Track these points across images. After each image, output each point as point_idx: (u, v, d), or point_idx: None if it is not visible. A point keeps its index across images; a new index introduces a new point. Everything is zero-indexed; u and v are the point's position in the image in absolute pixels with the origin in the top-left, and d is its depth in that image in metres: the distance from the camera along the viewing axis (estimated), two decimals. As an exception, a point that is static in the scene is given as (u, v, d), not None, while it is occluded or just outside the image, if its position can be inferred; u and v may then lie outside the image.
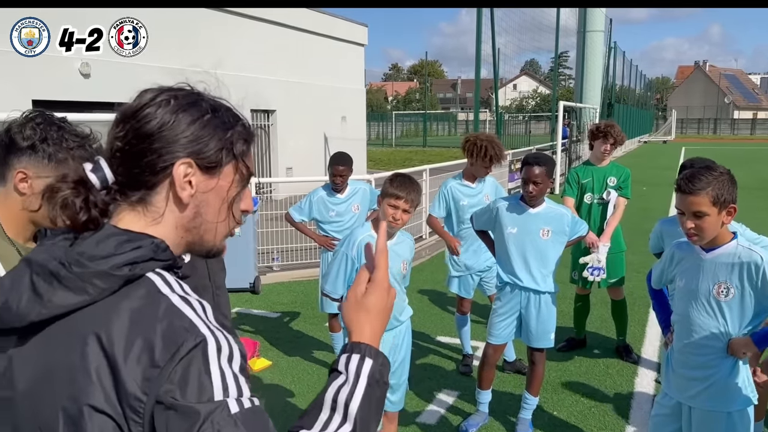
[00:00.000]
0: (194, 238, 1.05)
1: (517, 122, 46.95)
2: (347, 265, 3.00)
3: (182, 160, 0.99)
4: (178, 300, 0.93)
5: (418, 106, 69.12)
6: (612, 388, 4.62)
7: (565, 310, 5.93)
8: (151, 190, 0.99)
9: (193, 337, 0.87)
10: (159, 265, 0.96)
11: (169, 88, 1.03)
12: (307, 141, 15.30)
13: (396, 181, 2.95)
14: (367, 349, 1.03)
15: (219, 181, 1.03)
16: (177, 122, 0.99)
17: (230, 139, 1.03)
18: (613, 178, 5.02)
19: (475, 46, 13.13)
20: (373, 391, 0.99)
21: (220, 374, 0.87)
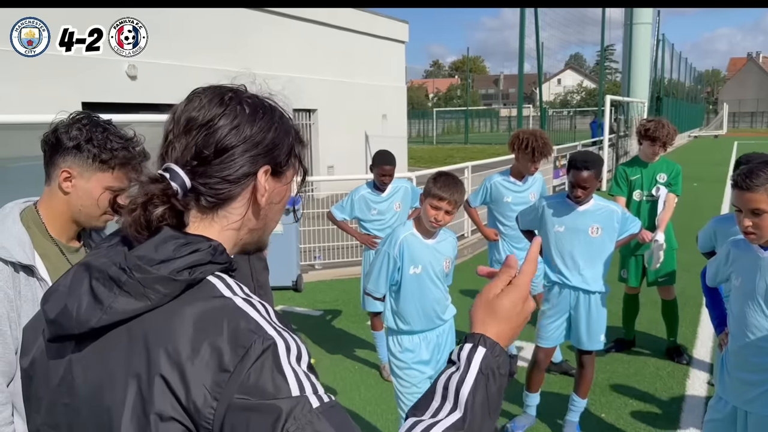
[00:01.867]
0: (253, 238, 1.06)
1: (562, 117, 46.19)
2: (389, 264, 2.98)
3: (264, 168, 1.00)
4: (241, 302, 0.91)
5: (459, 102, 68.67)
6: (662, 390, 4.48)
7: (613, 311, 5.75)
8: (230, 199, 0.99)
9: (261, 338, 0.86)
10: (218, 268, 0.95)
11: (231, 91, 1.02)
12: (348, 139, 15.34)
13: (440, 182, 2.89)
14: (481, 338, 0.98)
15: (283, 184, 1.05)
16: (256, 131, 0.99)
17: (292, 142, 1.05)
18: (663, 174, 4.86)
19: (519, 40, 12.95)
20: (485, 380, 0.95)
21: (294, 373, 0.85)
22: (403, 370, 3.07)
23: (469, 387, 0.94)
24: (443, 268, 3.08)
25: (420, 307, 3.03)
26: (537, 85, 18.85)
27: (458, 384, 0.95)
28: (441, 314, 3.13)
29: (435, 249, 3.03)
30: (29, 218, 1.72)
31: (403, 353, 3.07)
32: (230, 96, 1.00)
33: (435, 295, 3.07)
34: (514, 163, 4.62)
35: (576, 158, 3.53)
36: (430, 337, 3.10)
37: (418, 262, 2.98)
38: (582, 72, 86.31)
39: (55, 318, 0.93)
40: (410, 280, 2.98)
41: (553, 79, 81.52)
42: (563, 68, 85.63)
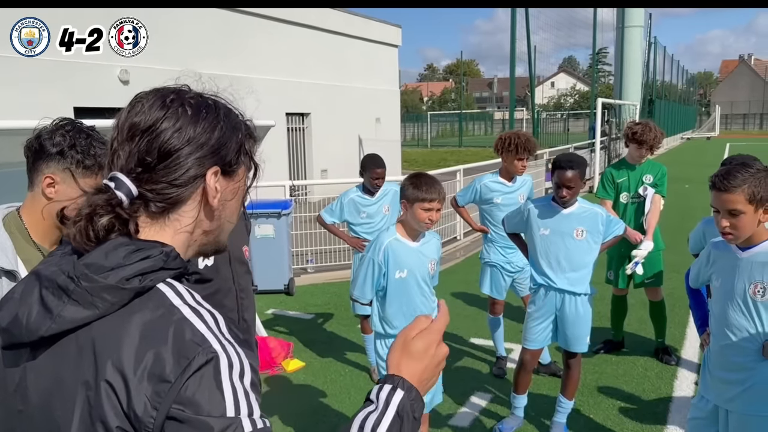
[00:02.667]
0: (209, 240, 1.06)
1: (555, 120, 46.33)
2: (374, 270, 2.99)
3: (213, 169, 0.99)
4: (189, 312, 0.92)
5: (453, 106, 68.80)
6: (650, 391, 4.51)
7: (602, 312, 5.82)
8: (180, 203, 0.99)
9: (204, 352, 0.87)
10: (170, 274, 0.95)
11: (173, 93, 1.00)
12: (341, 143, 15.38)
13: (423, 184, 2.91)
14: (400, 381, 1.01)
15: (236, 182, 1.04)
16: (200, 132, 0.98)
17: (242, 139, 1.04)
18: (649, 175, 4.91)
19: (510, 44, 13.01)
20: (400, 423, 0.98)
21: (232, 391, 0.86)
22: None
23: (384, 429, 0.96)
24: (429, 270, 3.09)
25: (407, 310, 3.03)
26: (528, 88, 18.91)
27: (375, 425, 0.96)
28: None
29: (420, 252, 3.04)
30: (12, 224, 1.74)
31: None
32: (172, 98, 0.99)
33: (421, 299, 3.07)
34: (503, 165, 4.67)
35: (560, 159, 3.57)
36: None
37: (404, 267, 2.99)
38: (575, 75, 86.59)
39: (7, 326, 0.94)
40: (396, 285, 2.99)
41: (546, 82, 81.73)
42: (557, 71, 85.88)
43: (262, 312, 6.45)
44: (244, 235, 2.45)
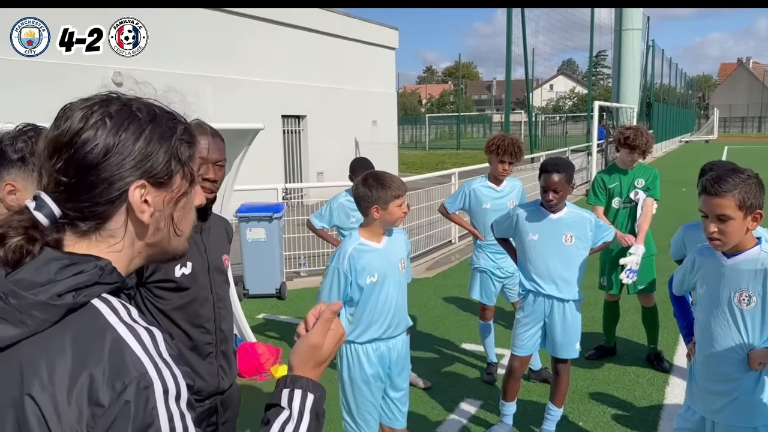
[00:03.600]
0: (155, 251, 1.02)
1: (554, 123, 46.33)
2: (339, 279, 2.86)
3: (136, 183, 0.94)
4: (124, 330, 0.88)
5: (452, 108, 68.81)
6: (641, 398, 4.47)
7: (595, 317, 5.78)
8: (106, 220, 0.94)
9: (138, 376, 0.84)
10: (105, 289, 0.92)
11: (98, 102, 0.95)
12: (338, 146, 15.34)
13: (390, 182, 2.85)
14: (308, 383, 1.07)
15: (172, 192, 0.99)
16: (121, 144, 0.92)
17: (175, 146, 0.98)
18: (641, 179, 4.86)
19: (506, 46, 12.98)
20: (315, 425, 1.03)
21: (168, 416, 0.85)
22: (355, 383, 2.95)
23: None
24: (400, 269, 2.98)
25: (385, 314, 2.92)
26: (529, 90, 18.89)
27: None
28: (398, 323, 2.99)
29: (387, 252, 2.94)
30: None
31: (357, 365, 2.94)
32: (94, 109, 0.93)
33: (399, 299, 2.97)
34: (490, 168, 4.65)
35: (546, 162, 3.55)
36: (382, 348, 2.96)
37: (374, 270, 2.88)
38: (574, 78, 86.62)
39: None
40: (370, 290, 2.88)
41: (545, 85, 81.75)
42: (555, 74, 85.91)
43: (252, 316, 6.41)
44: (225, 244, 2.41)
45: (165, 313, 2.12)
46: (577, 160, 17.81)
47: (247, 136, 4.93)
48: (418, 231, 9.49)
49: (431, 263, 8.86)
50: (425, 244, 9.47)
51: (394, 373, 3.02)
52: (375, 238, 2.93)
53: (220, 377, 2.23)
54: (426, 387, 4.64)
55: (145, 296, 2.12)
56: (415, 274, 8.26)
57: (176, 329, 2.13)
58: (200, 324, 2.17)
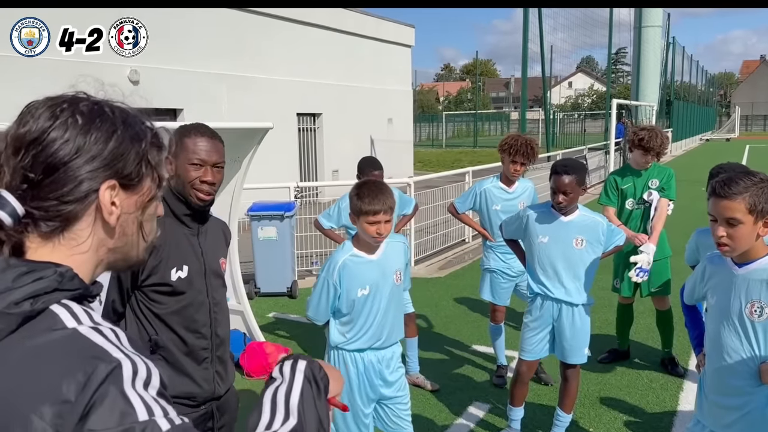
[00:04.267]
0: (117, 257, 1.00)
1: (573, 121, 45.93)
2: (329, 291, 2.77)
3: (106, 184, 0.92)
4: (86, 330, 0.85)
5: (469, 106, 68.47)
6: (655, 403, 4.38)
7: (609, 319, 5.68)
8: (74, 220, 0.92)
9: (104, 363, 0.81)
10: (66, 296, 0.89)
11: (67, 101, 0.93)
12: (353, 143, 15.30)
13: (366, 196, 2.66)
14: (297, 355, 1.06)
15: (141, 197, 0.98)
16: (92, 143, 0.90)
17: (145, 150, 0.97)
18: (655, 180, 4.76)
19: (522, 44, 12.86)
20: (310, 388, 0.98)
21: (140, 398, 0.81)
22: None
23: (297, 394, 0.95)
24: (394, 281, 2.85)
25: (376, 326, 2.81)
26: (546, 87, 18.70)
27: (286, 394, 0.95)
28: (389, 335, 2.87)
29: (382, 264, 2.81)
30: None
31: (343, 372, 2.83)
32: (63, 107, 0.91)
33: (393, 312, 2.85)
34: (502, 168, 4.58)
35: (557, 164, 3.48)
36: (371, 357, 2.85)
37: (365, 283, 2.76)
38: (593, 75, 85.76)
39: None
40: (361, 303, 2.77)
41: (564, 82, 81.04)
42: (574, 71, 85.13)
43: (263, 315, 6.40)
44: (223, 247, 2.38)
45: (160, 318, 2.09)
46: (594, 158, 17.62)
47: (256, 135, 4.90)
48: (431, 230, 9.44)
49: (444, 263, 8.79)
50: (438, 243, 9.40)
51: (385, 384, 2.89)
52: (368, 249, 2.78)
53: (216, 383, 2.20)
54: (434, 389, 4.59)
55: (140, 300, 2.09)
56: (427, 274, 8.21)
57: (171, 334, 2.10)
58: (196, 329, 2.14)
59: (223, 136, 4.99)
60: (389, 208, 2.66)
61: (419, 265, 8.58)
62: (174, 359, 2.10)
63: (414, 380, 4.68)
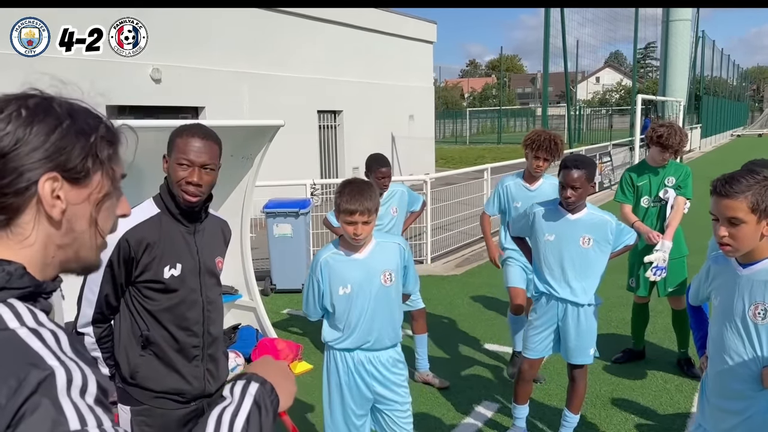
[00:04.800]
0: (68, 255, 1.00)
1: (599, 116, 45.35)
2: (314, 287, 2.78)
3: (47, 176, 0.92)
4: (26, 333, 0.85)
5: (494, 102, 67.97)
6: (668, 405, 4.30)
7: (625, 318, 5.60)
8: (16, 213, 0.93)
9: (38, 370, 0.81)
10: (13, 294, 0.89)
11: (17, 96, 0.95)
12: (373, 140, 15.27)
13: (345, 194, 2.62)
14: (253, 375, 1.04)
15: (89, 192, 0.97)
16: (33, 135, 0.91)
17: (94, 144, 0.97)
18: (672, 177, 4.67)
19: (543, 41, 12.72)
20: (259, 412, 0.98)
21: (73, 407, 0.80)
22: (330, 387, 2.86)
23: (243, 418, 0.95)
24: (381, 282, 2.77)
25: (362, 326, 2.76)
26: (573, 83, 18.49)
27: (232, 416, 0.94)
28: (379, 338, 2.80)
29: (366, 263, 2.76)
30: None
31: (333, 370, 2.84)
32: (10, 102, 0.93)
33: (372, 315, 2.77)
34: (526, 163, 4.53)
35: (566, 158, 3.44)
36: (362, 358, 2.82)
37: (347, 281, 2.72)
38: (621, 70, 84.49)
39: None
40: (342, 301, 2.74)
41: (591, 78, 80.00)
42: (602, 66, 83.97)
43: (277, 311, 6.44)
44: (220, 246, 2.37)
45: (152, 314, 2.11)
46: (619, 154, 17.36)
47: (267, 132, 4.92)
48: (449, 227, 9.39)
49: (460, 260, 8.75)
50: (456, 240, 9.36)
51: (379, 386, 2.85)
52: (352, 248, 2.74)
53: (207, 380, 2.21)
54: (443, 387, 4.57)
55: (133, 295, 2.11)
56: (444, 271, 8.17)
57: (162, 330, 2.12)
58: (187, 327, 2.15)
59: (234, 133, 5.05)
60: (366, 210, 2.61)
61: (435, 262, 8.55)
62: (164, 355, 2.12)
63: (423, 377, 4.66)
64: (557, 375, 4.67)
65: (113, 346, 2.17)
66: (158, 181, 2.24)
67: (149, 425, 2.09)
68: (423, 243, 8.53)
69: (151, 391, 2.11)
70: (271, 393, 1.02)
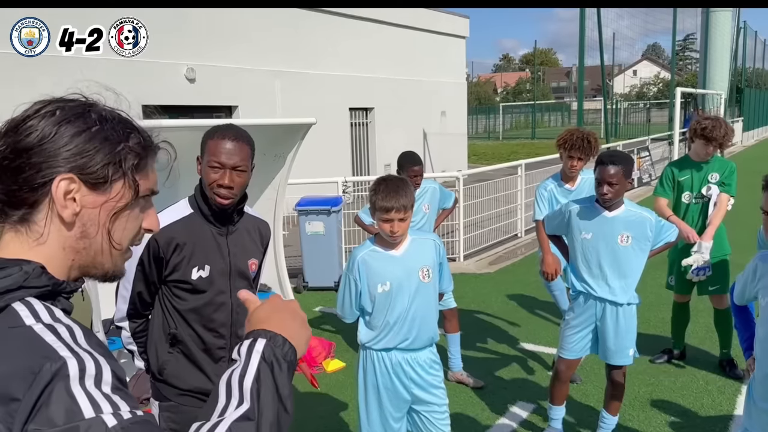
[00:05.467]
0: (85, 260, 1.00)
1: (637, 110, 44.45)
2: (352, 287, 2.74)
3: (63, 176, 0.93)
4: (41, 328, 0.86)
5: (528, 97, 67.20)
6: (710, 407, 4.17)
7: (665, 318, 5.45)
8: (33, 209, 0.94)
9: (50, 362, 0.82)
10: (31, 293, 0.90)
11: (59, 99, 0.97)
12: (405, 137, 15.24)
13: (381, 192, 2.60)
14: (259, 332, 0.99)
15: (108, 199, 0.98)
16: (59, 134, 0.93)
17: (120, 153, 0.97)
18: (715, 174, 4.52)
19: (579, 32, 12.50)
20: (270, 368, 0.93)
21: (87, 396, 0.81)
22: (367, 389, 2.83)
23: (251, 377, 0.91)
24: (419, 278, 2.75)
25: (400, 324, 2.73)
26: (609, 77, 18.14)
27: (240, 377, 0.91)
28: (418, 336, 2.77)
29: (404, 260, 2.74)
30: None
31: (370, 371, 2.81)
32: (52, 103, 0.96)
33: (419, 310, 2.75)
34: (562, 164, 4.44)
35: (603, 154, 3.37)
36: (399, 359, 2.78)
37: (386, 279, 2.70)
38: (659, 63, 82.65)
39: None
40: (382, 299, 2.72)
41: (628, 71, 78.46)
42: (639, 59, 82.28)
43: (310, 309, 6.45)
44: (255, 248, 2.35)
45: (180, 313, 2.12)
46: (658, 149, 16.97)
47: (299, 130, 4.94)
48: (482, 224, 9.30)
49: (494, 258, 8.64)
50: (489, 237, 9.25)
51: (417, 387, 2.81)
52: (389, 245, 2.73)
53: None
54: (477, 386, 4.51)
55: (165, 293, 2.13)
56: (477, 269, 8.09)
57: (189, 330, 2.12)
58: (213, 328, 2.15)
59: (267, 132, 5.07)
60: (402, 207, 2.60)
61: (468, 260, 8.47)
62: (190, 354, 2.13)
63: (458, 377, 4.62)
64: (594, 375, 4.57)
65: (147, 341, 2.20)
66: (194, 180, 2.24)
67: (175, 422, 2.10)
68: (455, 240, 8.45)
69: (176, 388, 2.13)
70: (283, 345, 0.97)
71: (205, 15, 10.88)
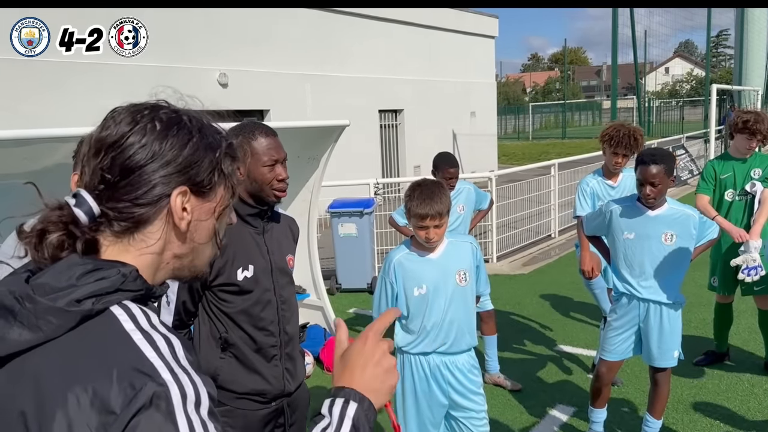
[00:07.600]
0: (184, 264, 1.02)
1: (670, 108, 43.66)
2: (387, 290, 2.72)
3: (178, 189, 0.95)
4: (140, 338, 0.86)
5: (558, 96, 66.46)
6: (756, 410, 4.05)
7: (707, 318, 5.33)
8: (145, 223, 0.95)
9: (153, 383, 0.81)
10: (127, 296, 0.90)
11: (147, 108, 0.97)
12: (435, 138, 15.19)
13: (416, 198, 2.56)
14: (351, 393, 1.01)
15: (214, 205, 1.01)
16: (167, 149, 0.94)
17: (219, 159, 1.00)
18: (758, 169, 4.40)
19: (612, 29, 12.31)
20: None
21: (187, 422, 0.81)
22: (405, 393, 2.79)
23: None
24: (456, 282, 2.71)
25: (437, 328, 2.70)
26: (642, 74, 17.86)
27: None
28: (455, 339, 2.73)
29: (440, 263, 2.70)
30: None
31: (408, 376, 2.78)
32: (143, 113, 0.95)
33: (456, 314, 2.72)
34: (604, 159, 4.37)
35: (643, 153, 3.28)
36: (438, 363, 2.75)
37: (422, 282, 2.67)
38: (692, 60, 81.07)
39: None
40: (418, 303, 2.69)
41: (660, 68, 77.13)
42: (672, 56, 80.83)
43: (343, 311, 6.46)
44: (290, 243, 2.38)
45: (229, 316, 2.13)
46: (693, 147, 16.63)
47: (333, 132, 4.94)
48: (515, 225, 9.22)
49: (528, 259, 8.56)
50: (523, 238, 9.16)
51: (455, 392, 2.78)
52: (426, 248, 2.69)
53: (286, 380, 2.21)
54: (515, 389, 4.46)
55: (210, 299, 2.14)
56: (510, 270, 8.02)
57: (241, 332, 2.13)
58: (263, 327, 2.16)
59: (301, 134, 5.09)
60: (438, 214, 2.55)
61: (502, 261, 8.40)
62: (244, 357, 2.14)
63: (495, 380, 4.57)
64: (635, 378, 4.49)
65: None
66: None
67: (232, 426, 2.11)
68: (489, 241, 8.39)
69: (233, 393, 2.13)
70: (368, 409, 1.00)
71: (235, 20, 11.00)
